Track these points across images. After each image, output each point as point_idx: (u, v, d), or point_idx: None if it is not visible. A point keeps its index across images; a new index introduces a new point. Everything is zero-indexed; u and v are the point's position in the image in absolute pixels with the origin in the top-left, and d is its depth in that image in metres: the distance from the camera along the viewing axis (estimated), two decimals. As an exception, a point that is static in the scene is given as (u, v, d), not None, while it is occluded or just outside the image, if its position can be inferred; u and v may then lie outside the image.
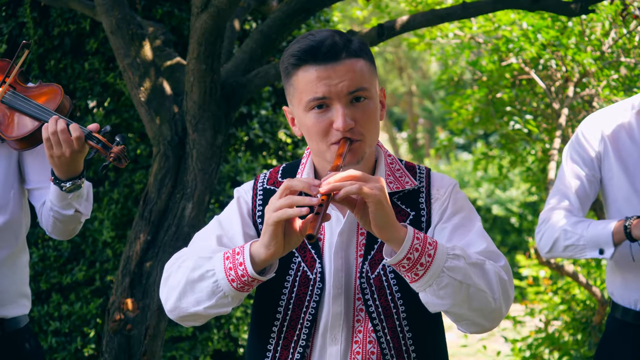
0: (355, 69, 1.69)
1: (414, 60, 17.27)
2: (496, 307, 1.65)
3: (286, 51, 1.74)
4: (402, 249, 1.58)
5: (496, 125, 4.87)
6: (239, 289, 1.63)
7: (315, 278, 1.76)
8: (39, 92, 2.42)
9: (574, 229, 2.56)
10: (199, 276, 1.67)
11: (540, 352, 4.97)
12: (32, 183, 2.45)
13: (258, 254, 1.61)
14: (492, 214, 10.19)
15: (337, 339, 1.75)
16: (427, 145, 17.79)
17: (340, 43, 1.69)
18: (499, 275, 1.67)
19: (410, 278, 1.62)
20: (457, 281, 1.60)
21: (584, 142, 2.64)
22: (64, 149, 2.20)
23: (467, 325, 1.69)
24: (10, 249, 2.40)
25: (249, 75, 3.41)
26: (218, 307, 1.67)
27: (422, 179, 1.84)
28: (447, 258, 1.60)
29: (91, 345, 4.32)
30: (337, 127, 1.68)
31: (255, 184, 1.88)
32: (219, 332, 4.64)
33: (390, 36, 3.31)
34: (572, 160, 2.66)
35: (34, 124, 2.33)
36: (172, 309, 1.73)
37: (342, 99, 1.68)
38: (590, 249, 2.54)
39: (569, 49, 4.26)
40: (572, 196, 2.63)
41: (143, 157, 4.42)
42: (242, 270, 1.62)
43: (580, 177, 2.63)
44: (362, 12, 6.07)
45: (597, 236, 2.51)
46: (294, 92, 1.73)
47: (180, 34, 4.46)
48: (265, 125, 4.88)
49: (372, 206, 1.55)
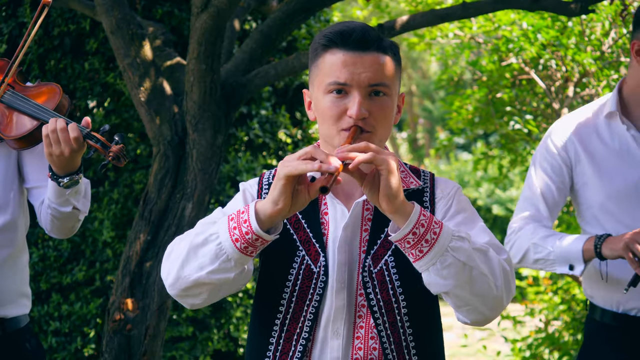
0: (380, 63, 1.72)
1: (414, 60, 17.27)
2: (498, 294, 1.66)
3: (319, 33, 1.78)
4: (409, 222, 1.59)
5: (496, 125, 4.87)
6: (243, 250, 1.62)
7: (319, 272, 1.76)
8: (37, 92, 2.42)
9: (544, 243, 2.52)
10: (202, 240, 1.66)
11: (540, 352, 4.97)
12: (31, 182, 2.45)
13: (264, 209, 1.61)
14: (492, 214, 10.19)
15: (339, 333, 1.75)
16: (427, 145, 17.79)
17: (373, 35, 1.73)
18: (502, 265, 1.68)
19: (414, 256, 1.62)
20: (461, 262, 1.61)
21: (553, 149, 2.60)
22: (62, 148, 2.21)
23: (468, 312, 1.69)
24: (10, 248, 2.40)
25: (249, 75, 3.41)
26: (220, 272, 1.65)
27: (426, 180, 1.86)
28: (452, 238, 1.62)
29: (91, 345, 4.32)
30: (350, 114, 1.70)
31: (261, 179, 1.89)
32: (219, 332, 4.64)
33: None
34: (541, 168, 2.62)
35: (33, 124, 2.33)
36: (174, 281, 1.70)
37: (361, 89, 1.71)
38: (559, 264, 2.51)
39: (569, 49, 4.26)
40: (541, 205, 2.59)
41: (143, 157, 4.42)
42: (246, 227, 1.61)
43: (550, 186, 2.59)
44: (362, 12, 6.08)
45: (567, 252, 2.48)
46: (317, 73, 1.77)
47: (180, 34, 4.46)
48: (265, 125, 4.88)
49: (385, 173, 1.57)
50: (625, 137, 2.53)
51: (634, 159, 2.51)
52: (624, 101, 2.56)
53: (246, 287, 4.67)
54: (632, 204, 2.49)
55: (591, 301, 2.62)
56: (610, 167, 2.52)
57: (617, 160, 2.52)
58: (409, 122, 18.39)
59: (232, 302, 4.67)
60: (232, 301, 4.67)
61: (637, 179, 2.49)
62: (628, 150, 2.52)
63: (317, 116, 1.79)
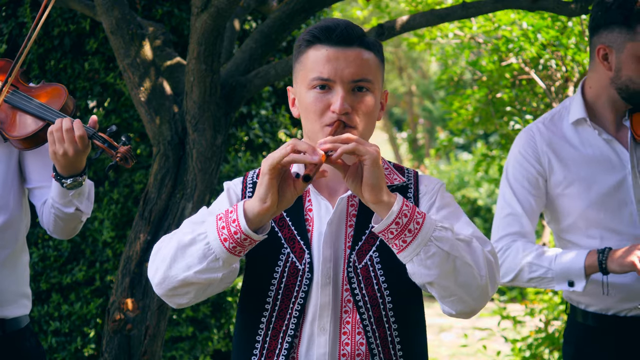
0: (363, 59, 1.74)
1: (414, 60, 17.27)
2: (482, 284, 1.66)
3: (303, 31, 1.79)
4: (391, 212, 1.60)
5: (496, 125, 4.87)
6: (231, 249, 1.62)
7: (304, 268, 1.77)
8: (42, 92, 2.42)
9: (539, 261, 2.48)
10: (190, 240, 1.66)
11: (540, 352, 4.97)
12: (33, 182, 2.45)
13: (252, 208, 1.61)
14: (492, 214, 10.18)
15: (325, 329, 1.76)
16: (427, 145, 17.79)
17: (356, 32, 1.75)
18: (486, 255, 1.69)
19: (397, 247, 1.63)
20: (445, 252, 1.62)
21: (524, 161, 2.56)
22: (67, 147, 2.20)
23: (452, 303, 1.69)
24: (11, 249, 2.40)
25: (249, 75, 3.41)
26: (208, 272, 1.65)
27: (410, 177, 1.87)
28: (436, 228, 1.63)
29: (91, 345, 4.33)
30: (333, 109, 1.72)
31: (245, 178, 1.89)
32: (219, 332, 4.64)
33: (390, 36, 3.31)
34: (516, 180, 2.57)
35: (38, 124, 2.33)
36: (161, 281, 1.69)
37: (345, 84, 1.72)
38: (558, 282, 2.48)
39: (569, 49, 4.26)
40: (524, 220, 2.55)
41: (143, 157, 4.43)
42: (235, 227, 1.61)
43: (529, 199, 2.55)
44: (362, 12, 6.08)
45: (567, 269, 2.44)
46: (301, 69, 1.78)
47: (180, 34, 4.46)
48: (265, 125, 4.88)
49: (368, 163, 1.58)
50: (597, 142, 2.51)
51: (610, 163, 2.49)
52: (589, 106, 2.54)
53: (246, 287, 4.66)
54: (615, 208, 2.48)
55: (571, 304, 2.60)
56: (587, 174, 2.50)
57: (593, 166, 2.50)
58: (409, 122, 18.39)
59: (232, 302, 4.67)
60: (232, 301, 4.68)
61: (615, 182, 2.48)
62: (602, 154, 2.50)
63: (300, 112, 1.81)
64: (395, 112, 19.98)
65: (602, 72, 2.48)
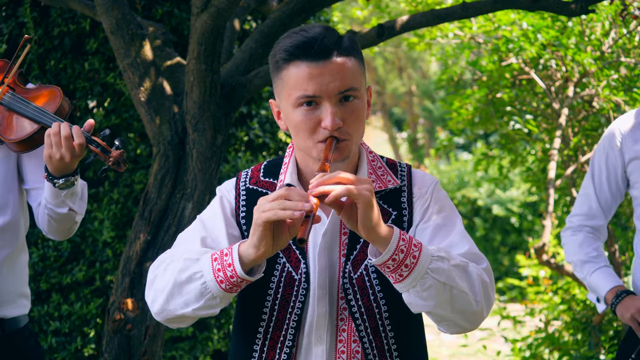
0: (346, 68, 1.69)
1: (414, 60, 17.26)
2: (478, 309, 1.67)
3: (277, 44, 1.73)
4: (387, 250, 1.59)
5: (496, 125, 4.87)
6: (228, 290, 1.64)
7: (300, 279, 1.76)
8: (38, 94, 2.41)
9: (582, 267, 2.67)
10: (186, 278, 1.67)
11: (540, 352, 4.97)
12: (29, 183, 2.45)
13: (247, 255, 1.61)
14: (492, 214, 10.18)
15: (322, 339, 1.75)
16: (427, 145, 17.78)
17: (332, 41, 1.69)
18: (481, 278, 1.68)
19: (394, 279, 1.63)
20: (441, 283, 1.61)
21: (609, 149, 2.64)
22: (64, 153, 2.20)
23: (448, 326, 1.70)
24: (10, 249, 2.40)
25: (249, 75, 3.41)
26: (206, 309, 1.67)
27: (403, 177, 1.85)
28: (432, 260, 1.61)
29: (91, 345, 4.32)
30: (325, 125, 1.69)
31: (238, 183, 1.87)
32: (219, 332, 4.64)
33: (390, 36, 3.31)
34: (598, 168, 2.68)
35: (33, 127, 2.33)
36: (160, 311, 1.72)
37: (332, 98, 1.69)
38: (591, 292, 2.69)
39: (569, 49, 4.26)
40: (594, 203, 2.68)
41: (143, 157, 4.42)
42: (230, 271, 1.62)
43: (603, 183, 2.66)
44: (362, 12, 6.08)
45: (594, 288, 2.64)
46: (283, 86, 1.73)
47: (180, 34, 4.46)
48: (265, 125, 4.88)
49: (362, 207, 1.55)
50: None
51: None
52: None
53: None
54: None
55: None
56: None
57: None
58: (409, 122, 18.38)
59: (232, 302, 4.67)
60: (232, 301, 4.67)
61: None
62: None
63: (289, 128, 1.77)
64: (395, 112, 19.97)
65: None
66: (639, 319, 2.43)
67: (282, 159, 1.87)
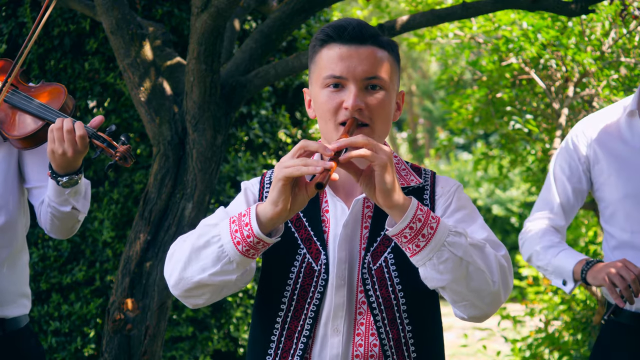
0: (376, 57, 1.73)
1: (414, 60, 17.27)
2: (495, 289, 1.66)
3: (317, 31, 1.79)
4: (405, 216, 1.60)
5: (496, 125, 4.87)
6: (244, 252, 1.63)
7: (320, 269, 1.77)
8: (42, 91, 2.42)
9: (545, 252, 2.59)
10: (204, 242, 1.67)
11: (540, 352, 4.97)
12: (31, 182, 2.45)
13: (264, 212, 1.62)
14: (492, 214, 10.19)
15: (339, 330, 1.76)
16: (427, 145, 17.79)
17: (370, 31, 1.74)
18: (499, 261, 1.69)
19: (411, 250, 1.63)
20: (458, 257, 1.61)
21: (572, 150, 2.64)
22: (66, 148, 2.20)
23: (465, 307, 1.69)
24: (10, 248, 2.41)
25: (249, 75, 3.41)
26: (222, 274, 1.66)
27: (427, 178, 1.86)
28: (449, 233, 1.62)
29: (91, 345, 4.32)
30: (346, 105, 1.71)
31: (263, 178, 1.89)
32: (219, 332, 4.64)
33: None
34: (560, 168, 2.66)
35: (37, 123, 2.33)
36: (177, 282, 1.71)
37: (357, 82, 1.72)
38: (555, 277, 2.59)
39: (569, 49, 4.26)
40: (556, 206, 2.65)
41: (143, 157, 4.43)
42: (247, 230, 1.62)
43: (566, 187, 2.64)
44: (362, 12, 6.08)
45: (561, 268, 2.55)
46: (315, 69, 1.78)
47: (180, 34, 4.46)
48: (265, 125, 4.88)
49: (378, 169, 1.57)
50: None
51: None
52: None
53: (246, 287, 4.67)
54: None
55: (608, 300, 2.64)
56: (629, 166, 2.53)
57: (637, 159, 2.53)
58: (409, 122, 18.38)
59: (232, 302, 4.67)
60: (232, 301, 4.67)
61: None
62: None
63: (316, 112, 1.80)
64: (395, 112, 19.97)
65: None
66: (613, 278, 2.35)
67: None
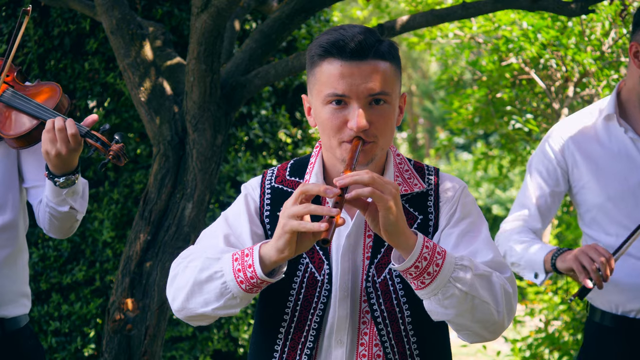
0: (379, 71, 1.66)
1: (414, 60, 17.27)
2: (499, 319, 1.65)
3: (315, 40, 1.72)
4: (410, 257, 1.57)
5: (496, 125, 4.88)
6: (248, 290, 1.63)
7: (323, 280, 1.75)
8: (37, 91, 2.42)
9: (517, 248, 2.57)
10: (207, 277, 1.66)
11: (540, 352, 4.97)
12: (29, 181, 2.45)
13: (269, 256, 1.60)
14: (492, 214, 10.19)
15: (342, 342, 1.74)
16: (427, 145, 17.79)
17: (370, 42, 1.67)
18: (504, 288, 1.66)
19: (416, 285, 1.61)
20: (463, 292, 1.59)
21: (549, 152, 2.61)
22: (59, 147, 2.20)
23: (468, 335, 1.69)
24: (10, 248, 2.40)
25: (249, 75, 3.41)
26: (226, 309, 1.66)
27: (430, 180, 1.82)
28: (455, 268, 1.60)
29: (91, 345, 4.32)
30: (351, 126, 1.66)
31: (263, 181, 1.86)
32: (219, 332, 4.64)
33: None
34: (537, 171, 2.64)
35: (32, 123, 2.33)
36: (180, 309, 1.72)
37: (361, 99, 1.66)
38: (527, 271, 2.56)
39: (569, 49, 4.26)
40: (532, 208, 2.63)
41: (143, 157, 4.43)
42: (251, 272, 1.61)
43: (543, 190, 2.62)
44: (362, 12, 6.08)
45: (532, 261, 2.52)
46: (315, 82, 1.72)
47: (180, 34, 4.46)
48: (265, 125, 4.88)
49: (382, 211, 1.54)
50: (623, 140, 2.52)
51: (632, 162, 2.50)
52: (622, 103, 2.55)
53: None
54: (630, 206, 2.49)
55: (591, 303, 2.62)
56: (608, 170, 2.52)
57: (615, 163, 2.51)
58: (409, 122, 18.38)
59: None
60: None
61: (635, 182, 2.48)
62: (626, 153, 2.51)
63: (318, 126, 1.75)
64: (395, 112, 19.98)
65: (634, 70, 2.48)
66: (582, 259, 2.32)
67: (309, 157, 1.86)
